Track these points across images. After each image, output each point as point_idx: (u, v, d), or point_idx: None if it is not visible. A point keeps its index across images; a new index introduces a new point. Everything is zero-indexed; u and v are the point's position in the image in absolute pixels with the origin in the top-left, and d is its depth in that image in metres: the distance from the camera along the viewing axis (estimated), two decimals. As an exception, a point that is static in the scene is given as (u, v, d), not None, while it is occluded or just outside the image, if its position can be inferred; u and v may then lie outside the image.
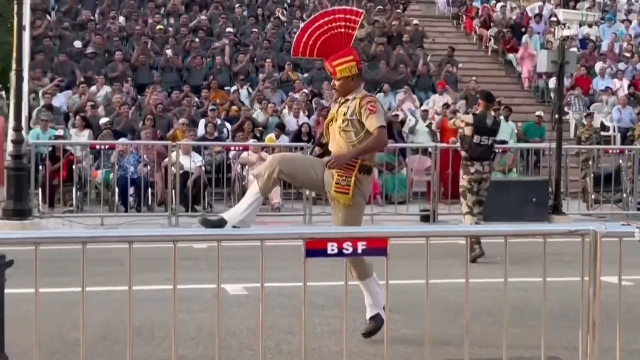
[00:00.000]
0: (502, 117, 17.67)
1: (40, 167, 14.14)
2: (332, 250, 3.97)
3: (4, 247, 4.18)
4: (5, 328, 4.90)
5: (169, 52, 20.18)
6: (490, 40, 25.06)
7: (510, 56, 24.20)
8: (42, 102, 17.25)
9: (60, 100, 18.10)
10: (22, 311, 6.27)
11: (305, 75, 20.93)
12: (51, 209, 14.15)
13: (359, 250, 4.00)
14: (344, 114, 6.41)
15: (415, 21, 24.51)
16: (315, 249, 3.98)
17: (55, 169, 14.32)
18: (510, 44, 24.34)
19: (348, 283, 4.22)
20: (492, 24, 25.48)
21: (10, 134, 12.77)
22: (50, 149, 14.62)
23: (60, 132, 15.87)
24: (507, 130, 17.95)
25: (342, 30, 6.51)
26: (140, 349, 5.97)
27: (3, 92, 45.90)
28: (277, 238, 4.51)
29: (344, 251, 3.99)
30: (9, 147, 12.76)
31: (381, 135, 6.29)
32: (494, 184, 11.57)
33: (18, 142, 11.96)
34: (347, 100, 6.48)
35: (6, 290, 4.81)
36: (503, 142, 16.33)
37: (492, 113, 11.32)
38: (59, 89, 18.39)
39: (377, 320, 6.49)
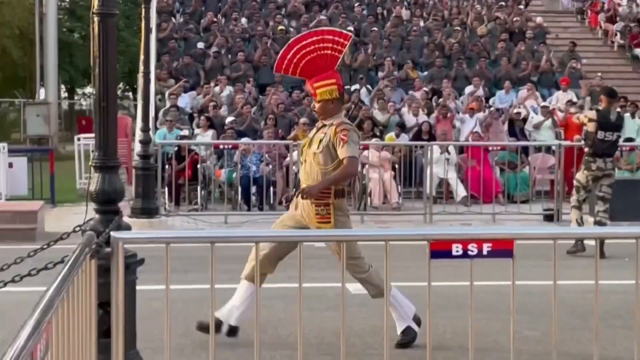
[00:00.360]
0: (627, 114, 17.18)
1: (167, 167, 14.51)
2: (457, 251, 3.95)
3: (135, 245, 4.31)
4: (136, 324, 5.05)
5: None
6: (616, 35, 24.37)
7: (638, 51, 23.48)
8: (168, 103, 17.71)
9: (185, 100, 18.52)
10: (151, 308, 6.47)
11: (425, 73, 20.81)
12: (177, 208, 14.50)
13: (484, 252, 3.96)
14: (320, 140, 6.37)
15: (538, 18, 24.08)
16: (440, 250, 3.97)
17: (181, 168, 14.69)
18: (637, 39, 23.62)
19: (473, 283, 4.18)
20: (618, 19, 24.78)
21: (138, 134, 13.15)
22: (176, 148, 15.01)
23: (186, 132, 16.24)
24: (633, 127, 17.43)
25: (329, 52, 6.42)
26: (265, 347, 6.06)
27: (130, 93, 47.29)
28: (402, 239, 4.51)
29: (469, 252, 3.96)
30: (137, 148, 13.14)
31: (350, 165, 6.24)
32: (621, 182, 11.30)
33: (145, 142, 12.31)
34: (325, 125, 6.44)
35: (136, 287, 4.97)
36: (630, 139, 15.88)
37: (617, 109, 11.09)
38: (184, 89, 18.82)
39: (408, 333, 6.45)
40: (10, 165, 14.84)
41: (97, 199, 4.60)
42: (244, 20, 22.51)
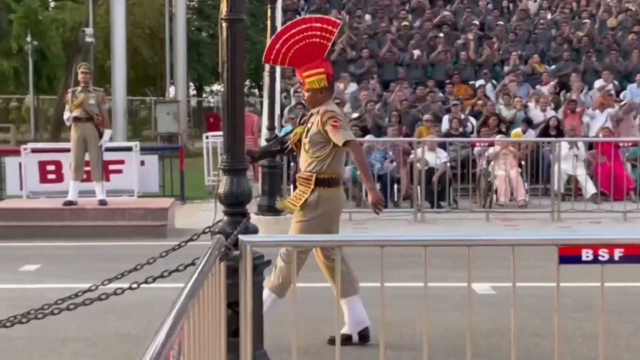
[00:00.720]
0: None
1: (292, 164, 14.68)
2: (587, 257, 3.86)
3: (262, 248, 4.39)
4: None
5: (416, 52, 20.26)
6: None
7: None
8: (293, 100, 17.91)
9: (310, 97, 18.64)
10: (280, 307, 6.57)
11: (552, 67, 20.37)
12: (302, 204, 14.64)
13: (616, 258, 3.86)
14: (308, 130, 6.32)
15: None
16: (569, 255, 3.89)
17: (306, 166, 14.82)
18: None
19: (604, 284, 4.08)
20: None
21: (264, 133, 13.35)
22: (301, 146, 15.15)
23: (311, 129, 16.37)
24: None
25: (317, 40, 6.26)
26: (390, 347, 6.05)
27: (256, 90, 48.04)
28: (530, 244, 4.44)
29: (600, 258, 3.87)
30: (263, 145, 13.34)
31: (355, 148, 6.21)
32: None
33: (271, 140, 12.48)
34: (313, 115, 6.36)
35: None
36: None
37: None
38: (308, 87, 18.95)
39: (345, 339, 6.25)
40: (142, 163, 15.29)
41: (225, 201, 4.70)
42: (367, 16, 22.53)
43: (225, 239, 4.15)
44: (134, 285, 4.13)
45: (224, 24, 4.73)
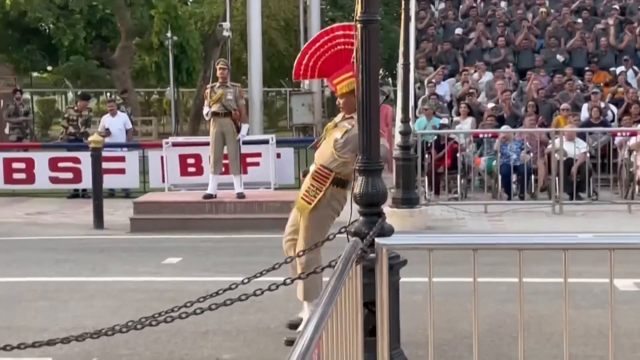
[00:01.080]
0: None
1: (426, 156, 14.63)
2: None
3: (402, 251, 4.41)
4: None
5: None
6: None
7: None
8: (426, 91, 17.82)
9: (443, 88, 18.54)
10: (412, 301, 6.58)
11: (699, 51, 19.56)
12: (437, 197, 14.59)
13: None
14: (347, 130, 6.38)
15: None
16: None
17: (440, 157, 14.76)
18: None
19: None
20: None
21: (398, 125, 13.33)
22: (435, 137, 15.09)
23: (445, 120, 16.27)
24: None
25: (341, 47, 6.38)
26: (529, 345, 5.98)
27: (389, 79, 48.00)
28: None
29: None
30: (397, 138, 13.34)
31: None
32: None
33: (405, 133, 12.46)
34: (352, 117, 6.24)
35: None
36: None
37: None
38: (442, 77, 18.84)
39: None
40: (278, 155, 15.54)
41: (360, 201, 4.73)
42: (503, 4, 22.17)
43: (361, 240, 4.19)
44: (288, 281, 4.23)
45: (358, 25, 4.75)
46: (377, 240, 4.01)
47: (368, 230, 4.48)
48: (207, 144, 13.53)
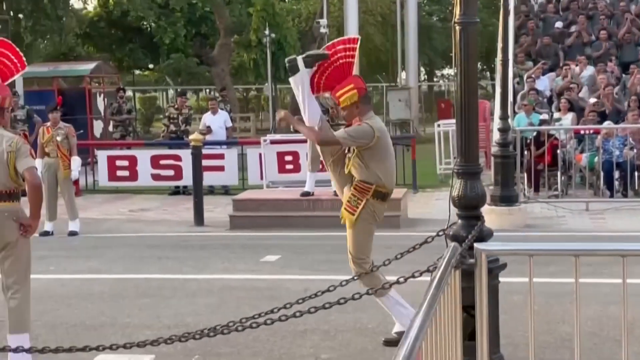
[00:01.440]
0: None
1: (525, 152, 14.43)
2: None
3: (503, 256, 4.38)
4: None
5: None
6: None
7: None
8: (525, 86, 17.55)
9: (543, 83, 18.22)
10: (511, 301, 6.52)
11: None
12: (536, 194, 14.38)
13: None
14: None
15: None
16: None
17: (540, 154, 14.53)
18: None
19: None
20: None
21: (497, 122, 13.20)
22: (535, 133, 14.86)
23: (545, 116, 16.00)
24: None
25: (342, 61, 6.53)
26: (633, 349, 5.84)
27: (487, 73, 47.48)
28: None
29: None
30: (495, 135, 13.19)
31: (315, 133, 6.42)
32: None
33: (504, 130, 12.33)
34: None
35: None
36: None
37: None
38: (542, 71, 18.53)
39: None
40: (375, 152, 15.51)
41: (459, 204, 4.72)
42: (605, -4, 21.66)
43: (459, 245, 4.18)
44: (401, 279, 4.26)
45: (457, 27, 4.74)
46: (476, 245, 3.99)
47: (467, 234, 4.47)
48: (304, 141, 13.61)
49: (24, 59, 6.45)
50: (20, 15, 26.86)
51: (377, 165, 6.38)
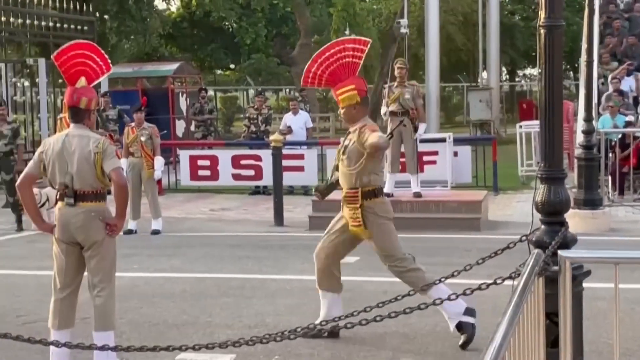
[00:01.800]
0: None
1: (610, 155, 14.16)
2: None
3: (587, 263, 4.30)
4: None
5: None
6: None
7: None
8: (610, 87, 17.22)
9: (628, 83, 17.86)
10: (595, 307, 6.41)
11: None
12: (621, 197, 14.10)
13: None
14: (346, 147, 6.51)
15: None
16: None
17: (625, 156, 14.24)
18: None
19: None
20: None
21: (581, 124, 12.98)
22: (620, 135, 14.58)
23: (630, 117, 15.68)
24: None
25: (349, 59, 6.55)
26: None
27: (571, 72, 46.77)
28: None
29: None
30: (579, 137, 12.98)
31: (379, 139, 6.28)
32: None
33: (588, 132, 12.13)
34: (350, 132, 6.55)
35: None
36: None
37: None
38: (627, 72, 18.14)
39: (465, 329, 6.30)
40: (455, 154, 15.43)
41: (542, 209, 4.65)
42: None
43: (543, 252, 4.12)
44: (483, 286, 4.24)
45: (542, 31, 4.67)
46: (560, 253, 3.93)
47: (550, 241, 4.40)
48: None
49: (109, 60, 6.58)
50: (106, 17, 27.42)
51: (373, 166, 6.54)
